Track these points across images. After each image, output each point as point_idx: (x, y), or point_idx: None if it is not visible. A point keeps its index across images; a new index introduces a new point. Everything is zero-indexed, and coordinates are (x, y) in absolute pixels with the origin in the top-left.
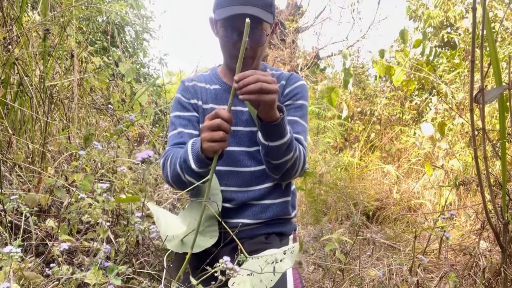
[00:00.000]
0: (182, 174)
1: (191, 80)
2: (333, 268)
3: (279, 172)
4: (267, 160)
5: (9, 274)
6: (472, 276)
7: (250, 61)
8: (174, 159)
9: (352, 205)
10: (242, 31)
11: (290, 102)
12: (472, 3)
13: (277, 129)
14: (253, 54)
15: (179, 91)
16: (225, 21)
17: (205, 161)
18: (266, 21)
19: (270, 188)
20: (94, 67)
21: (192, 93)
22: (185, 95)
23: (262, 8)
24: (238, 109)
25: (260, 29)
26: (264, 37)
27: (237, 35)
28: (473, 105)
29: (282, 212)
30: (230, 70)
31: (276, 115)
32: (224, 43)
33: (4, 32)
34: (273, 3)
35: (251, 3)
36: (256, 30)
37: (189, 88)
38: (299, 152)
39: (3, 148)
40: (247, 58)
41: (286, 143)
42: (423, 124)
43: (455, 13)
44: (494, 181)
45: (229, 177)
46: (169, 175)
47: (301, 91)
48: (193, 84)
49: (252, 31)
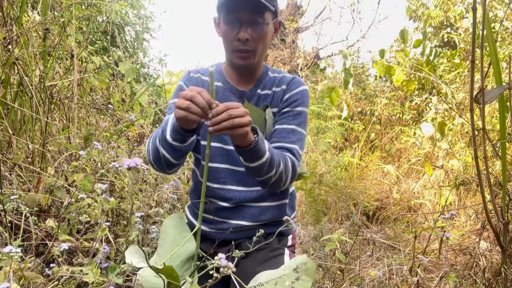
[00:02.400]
0: (159, 146)
1: (196, 71)
2: (333, 268)
3: (266, 185)
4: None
5: (9, 274)
6: (472, 276)
7: (252, 55)
8: (155, 134)
9: (352, 205)
10: (243, 20)
11: (289, 109)
12: (473, 3)
13: (253, 152)
14: (254, 46)
15: (183, 79)
16: (226, 11)
17: (180, 132)
18: (268, 6)
19: (267, 190)
20: (94, 66)
21: (195, 84)
22: (188, 84)
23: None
24: None
25: (261, 20)
26: (265, 27)
27: (238, 25)
28: (473, 105)
29: (280, 215)
30: (233, 69)
31: (250, 140)
32: (226, 35)
33: (4, 32)
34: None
35: None
36: (257, 20)
37: (193, 79)
38: (285, 165)
39: (3, 148)
40: (248, 52)
41: (266, 162)
42: (423, 124)
43: (455, 13)
44: (494, 181)
45: (226, 175)
46: (150, 150)
47: (301, 97)
48: (198, 76)
49: (253, 21)
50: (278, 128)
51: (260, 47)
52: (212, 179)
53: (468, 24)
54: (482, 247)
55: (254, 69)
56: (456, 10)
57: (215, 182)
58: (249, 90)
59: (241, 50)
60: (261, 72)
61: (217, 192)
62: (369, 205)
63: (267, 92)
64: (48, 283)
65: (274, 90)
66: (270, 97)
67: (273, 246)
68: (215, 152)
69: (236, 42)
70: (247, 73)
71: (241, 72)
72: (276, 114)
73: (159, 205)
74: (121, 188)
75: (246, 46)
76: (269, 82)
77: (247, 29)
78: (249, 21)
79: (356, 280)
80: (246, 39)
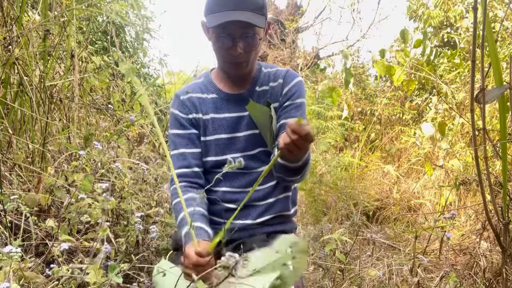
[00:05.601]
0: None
1: (185, 92)
2: (333, 268)
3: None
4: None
5: (9, 274)
6: (473, 276)
7: (245, 65)
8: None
9: (352, 205)
10: (234, 37)
11: (290, 102)
12: (473, 3)
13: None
14: (246, 58)
15: (175, 106)
16: (217, 28)
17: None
18: (258, 26)
19: (273, 186)
20: (94, 66)
21: (190, 107)
22: (182, 110)
23: (254, 12)
24: (240, 115)
25: (252, 33)
26: (257, 41)
27: (230, 41)
28: (474, 105)
29: (283, 208)
30: (226, 75)
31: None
32: (217, 49)
33: (4, 32)
34: (265, 5)
35: (242, 8)
36: (248, 34)
37: (185, 102)
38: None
39: (3, 148)
40: (241, 62)
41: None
42: (423, 124)
43: (455, 13)
44: (495, 181)
45: (234, 179)
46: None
47: (299, 89)
48: (188, 97)
49: (244, 35)
50: (285, 122)
51: (252, 56)
52: (219, 182)
53: (468, 24)
54: (482, 247)
55: (248, 73)
56: (456, 10)
57: (222, 185)
58: (247, 90)
59: (235, 62)
60: (255, 70)
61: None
62: (369, 205)
63: (265, 88)
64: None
65: (272, 85)
66: (269, 93)
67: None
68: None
69: (228, 55)
70: (241, 77)
71: (236, 78)
72: (277, 109)
73: (159, 205)
74: (121, 188)
75: (239, 59)
76: (265, 78)
77: (239, 44)
78: (241, 36)
79: (356, 280)
80: (239, 53)
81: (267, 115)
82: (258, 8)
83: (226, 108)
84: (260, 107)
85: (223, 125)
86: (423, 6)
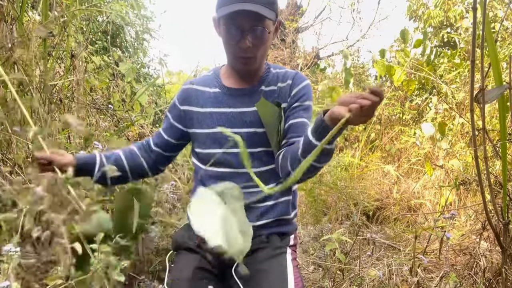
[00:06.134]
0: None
1: (190, 83)
2: (333, 268)
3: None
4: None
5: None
6: (473, 276)
7: (253, 60)
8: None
9: (352, 205)
10: (244, 29)
11: (299, 103)
12: (473, 3)
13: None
14: (255, 52)
15: (178, 94)
16: (226, 19)
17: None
18: (268, 17)
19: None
20: (95, 66)
21: (185, 98)
22: (179, 99)
23: (264, 5)
24: (241, 110)
25: (262, 26)
26: (266, 34)
27: (239, 33)
28: (474, 105)
29: (283, 212)
30: (234, 72)
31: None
32: (227, 41)
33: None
34: (276, 2)
35: (252, 1)
36: (257, 27)
37: (184, 92)
38: None
39: (3, 148)
40: (250, 57)
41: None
42: (423, 124)
43: (455, 13)
44: (495, 181)
45: (233, 178)
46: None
47: (307, 91)
48: (188, 88)
49: (253, 28)
50: (293, 122)
51: (261, 51)
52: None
53: (468, 24)
54: (482, 247)
55: (256, 69)
56: (456, 10)
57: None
58: (252, 87)
59: (243, 56)
60: (263, 69)
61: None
62: (369, 205)
63: (273, 88)
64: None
65: (280, 86)
66: (277, 93)
67: (275, 244)
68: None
69: (237, 48)
70: (250, 74)
71: (244, 74)
72: (285, 110)
73: (159, 205)
74: (120, 188)
75: (248, 53)
76: (273, 78)
77: (248, 37)
78: (250, 29)
79: (356, 280)
80: (248, 47)
81: (277, 115)
82: (269, 2)
83: (227, 103)
84: (271, 106)
85: (222, 119)
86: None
